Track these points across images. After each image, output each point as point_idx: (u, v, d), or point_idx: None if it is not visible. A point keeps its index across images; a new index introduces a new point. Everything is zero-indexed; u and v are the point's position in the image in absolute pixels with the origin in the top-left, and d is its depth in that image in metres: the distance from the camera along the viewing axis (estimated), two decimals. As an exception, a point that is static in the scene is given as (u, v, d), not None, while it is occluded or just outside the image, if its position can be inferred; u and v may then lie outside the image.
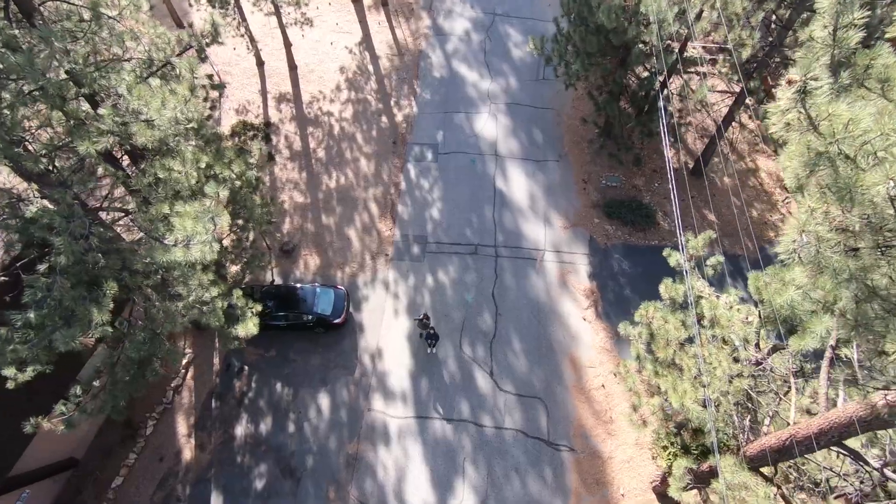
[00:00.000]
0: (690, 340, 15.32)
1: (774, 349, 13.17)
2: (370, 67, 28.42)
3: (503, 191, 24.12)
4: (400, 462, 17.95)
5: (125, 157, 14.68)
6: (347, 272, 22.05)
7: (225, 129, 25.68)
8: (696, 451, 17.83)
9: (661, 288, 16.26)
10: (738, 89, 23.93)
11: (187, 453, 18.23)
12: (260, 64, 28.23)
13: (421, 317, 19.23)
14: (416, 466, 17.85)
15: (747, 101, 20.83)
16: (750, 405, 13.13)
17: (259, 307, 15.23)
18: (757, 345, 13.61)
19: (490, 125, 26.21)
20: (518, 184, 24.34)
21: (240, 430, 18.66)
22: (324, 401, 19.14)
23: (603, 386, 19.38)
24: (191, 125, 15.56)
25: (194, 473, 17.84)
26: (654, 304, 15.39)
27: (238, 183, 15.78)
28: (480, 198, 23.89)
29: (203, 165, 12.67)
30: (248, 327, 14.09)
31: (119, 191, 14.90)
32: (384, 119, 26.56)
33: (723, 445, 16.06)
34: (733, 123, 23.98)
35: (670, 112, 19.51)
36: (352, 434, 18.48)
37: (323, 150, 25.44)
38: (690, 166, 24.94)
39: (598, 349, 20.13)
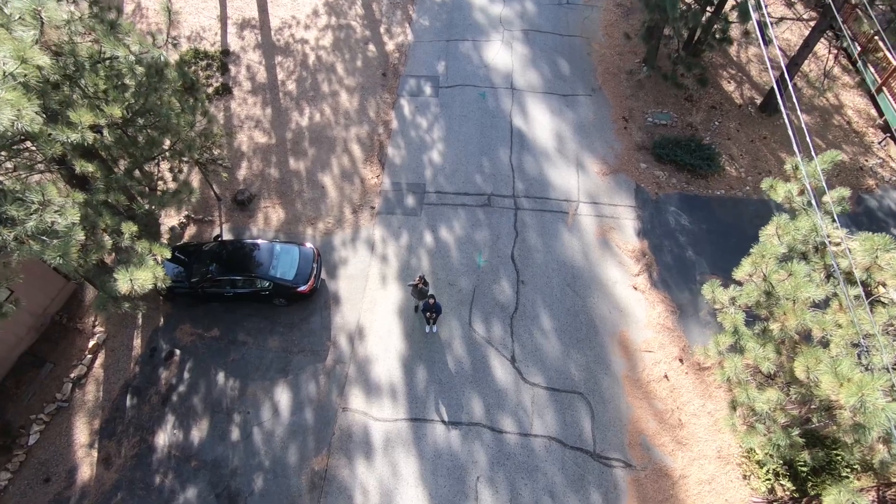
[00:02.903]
0: (820, 305, 10.16)
1: None
2: (355, -9, 23.14)
3: (522, 130, 18.88)
4: (386, 483, 12.69)
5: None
6: (321, 229, 16.78)
7: (172, 58, 20.34)
8: (804, 470, 12.62)
9: (769, 230, 11.11)
10: (810, 14, 18.80)
11: (86, 471, 12.93)
12: (220, -14, 22.93)
13: (416, 281, 13.96)
14: (408, 489, 12.59)
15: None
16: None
17: (166, 253, 9.97)
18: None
19: (504, 55, 20.97)
20: (541, 122, 19.10)
21: (162, 437, 13.36)
22: (282, 397, 13.86)
23: (666, 377, 14.14)
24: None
25: (93, 500, 12.55)
26: (770, 246, 10.16)
27: (139, 70, 10.47)
28: (493, 138, 18.64)
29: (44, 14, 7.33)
30: (140, 279, 8.80)
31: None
32: (371, 48, 21.30)
33: (861, 466, 10.87)
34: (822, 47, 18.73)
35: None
36: (319, 443, 13.21)
37: (293, 83, 20.16)
38: (758, 102, 19.73)
39: (657, 327, 14.88)
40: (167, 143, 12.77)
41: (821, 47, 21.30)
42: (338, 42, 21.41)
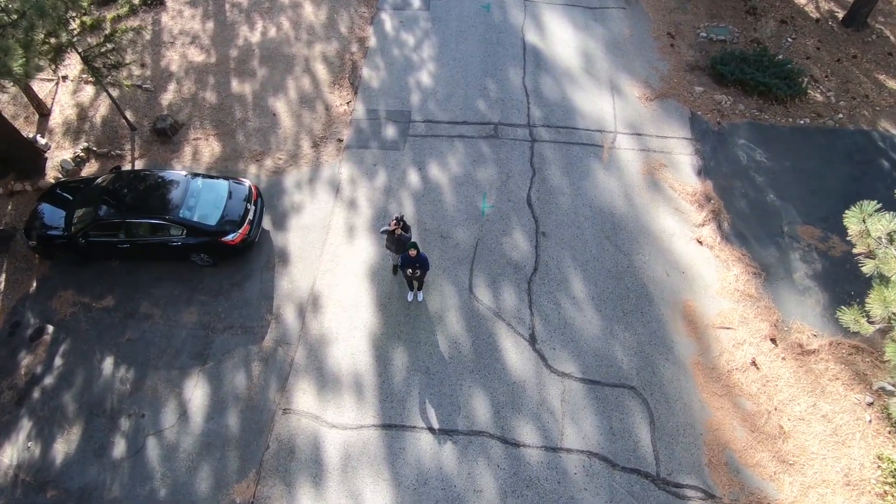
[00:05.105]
0: None
1: None
2: None
3: (538, 48, 14.51)
4: (344, 523, 8.31)
5: None
6: (268, 167, 12.40)
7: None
8: None
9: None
10: None
11: None
12: None
13: (391, 226, 9.55)
14: (377, 534, 8.21)
15: None
16: None
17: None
18: None
19: (512, -37, 16.57)
20: (562, 38, 14.74)
21: (9, 453, 8.97)
22: (195, 394, 9.47)
23: (754, 364, 9.76)
24: None
25: None
26: None
27: None
28: (501, 57, 14.28)
29: None
30: None
31: None
32: (346, -45, 16.88)
33: None
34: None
35: None
36: (246, 462, 8.83)
37: (245, -7, 15.77)
38: (840, 16, 15.36)
39: (735, 295, 10.50)
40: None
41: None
42: (304, -51, 17.00)
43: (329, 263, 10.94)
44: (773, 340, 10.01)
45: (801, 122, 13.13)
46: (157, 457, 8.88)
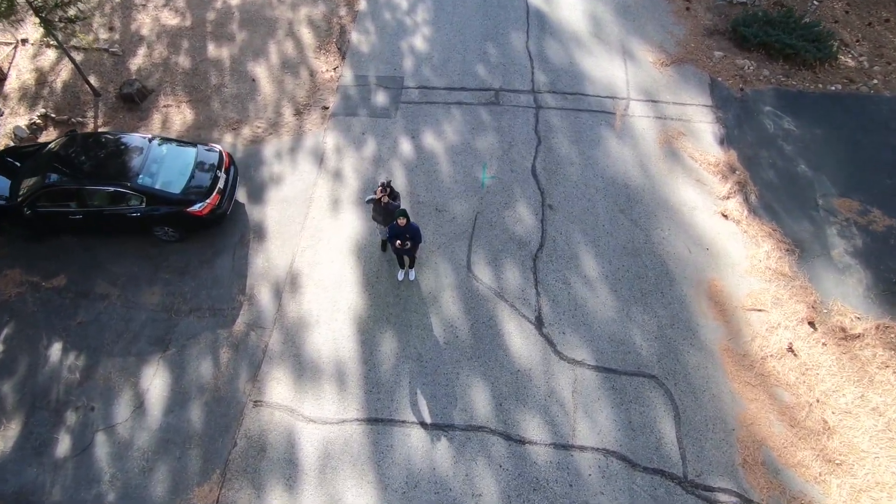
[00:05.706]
0: None
1: None
2: None
3: (542, 10, 13.34)
4: (322, 532, 7.13)
5: None
6: (245, 135, 11.22)
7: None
8: None
9: None
10: None
11: None
12: None
13: (378, 194, 8.37)
14: (360, 545, 7.04)
15: None
16: None
17: None
18: None
19: (514, -75, 15.37)
20: (569, 1, 13.57)
21: (-65, 452, 7.81)
22: (154, 383, 8.29)
23: (791, 349, 8.59)
24: None
25: None
26: None
27: None
28: (502, 20, 13.11)
29: None
30: None
31: None
32: (336, -83, 15.69)
33: None
34: None
35: None
36: (209, 462, 7.65)
37: (225, -45, 14.57)
38: (869, -22, 14.18)
39: (767, 274, 9.33)
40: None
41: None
42: (290, -90, 15.80)
43: (310, 239, 9.76)
44: (811, 324, 8.84)
45: (832, 88, 11.96)
46: (106, 455, 7.70)
